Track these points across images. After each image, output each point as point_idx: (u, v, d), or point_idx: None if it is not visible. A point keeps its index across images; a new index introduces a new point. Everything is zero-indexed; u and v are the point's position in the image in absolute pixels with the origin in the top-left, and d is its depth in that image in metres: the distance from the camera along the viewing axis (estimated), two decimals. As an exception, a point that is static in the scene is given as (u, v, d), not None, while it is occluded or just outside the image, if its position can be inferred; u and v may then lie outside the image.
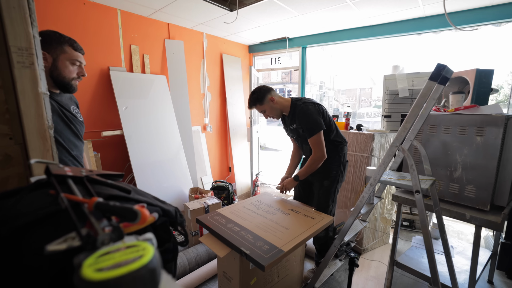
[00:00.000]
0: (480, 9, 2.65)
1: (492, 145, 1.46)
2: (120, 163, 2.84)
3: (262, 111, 1.90)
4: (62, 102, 1.27)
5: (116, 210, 0.34)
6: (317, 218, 1.54)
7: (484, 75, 2.21)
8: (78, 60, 1.26)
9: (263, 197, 1.92)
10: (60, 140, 1.21)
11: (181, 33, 3.40)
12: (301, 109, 1.80)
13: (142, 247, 0.26)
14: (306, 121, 1.76)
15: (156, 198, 0.56)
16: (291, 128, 1.94)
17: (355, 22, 3.23)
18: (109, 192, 0.44)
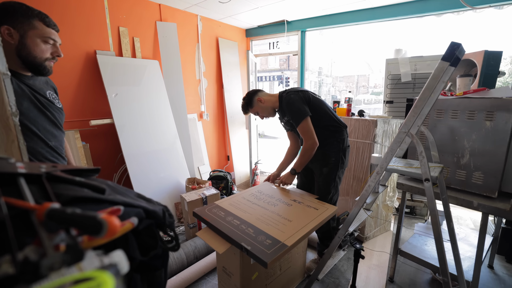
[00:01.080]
0: None
1: (502, 130, 1.39)
2: (112, 154, 2.73)
3: (256, 113, 1.94)
4: (35, 86, 1.13)
5: (75, 219, 0.26)
6: (320, 209, 1.48)
7: (492, 57, 2.12)
8: (51, 37, 1.10)
9: (264, 187, 1.85)
10: (34, 129, 1.08)
11: (173, 15, 3.22)
12: (285, 100, 1.81)
13: (97, 283, 0.18)
14: (290, 110, 1.76)
15: (141, 196, 0.48)
16: (285, 120, 1.94)
17: (356, 4, 3.08)
18: (74, 194, 0.35)
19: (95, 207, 0.36)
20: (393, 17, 3.10)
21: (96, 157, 2.57)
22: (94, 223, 0.26)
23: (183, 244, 2.14)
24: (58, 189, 0.36)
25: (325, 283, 1.91)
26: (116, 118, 2.50)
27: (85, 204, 0.36)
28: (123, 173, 2.78)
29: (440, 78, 1.21)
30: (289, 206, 1.53)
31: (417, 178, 1.68)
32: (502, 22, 4.17)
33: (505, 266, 2.07)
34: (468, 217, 2.86)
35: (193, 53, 3.53)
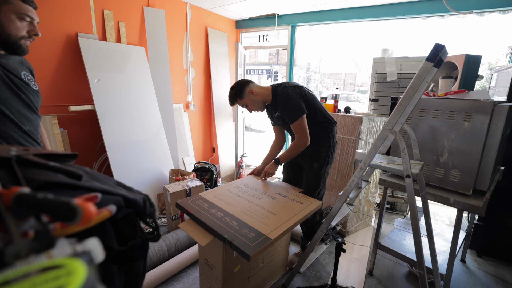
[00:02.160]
0: None
1: (478, 130, 1.45)
2: (92, 141, 2.62)
3: (244, 105, 1.84)
4: (8, 65, 1.06)
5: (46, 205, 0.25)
6: (305, 203, 1.49)
7: (472, 61, 2.21)
8: (27, 14, 1.02)
9: (249, 180, 1.84)
10: (6, 112, 1.02)
11: (162, 1, 3.11)
12: (281, 95, 1.74)
13: (67, 271, 0.17)
14: (287, 106, 1.71)
15: (121, 184, 0.45)
16: (275, 116, 1.87)
17: (346, 2, 3.11)
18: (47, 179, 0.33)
19: (70, 193, 0.34)
20: (381, 17, 3.18)
21: (75, 144, 2.47)
22: (68, 209, 0.25)
23: (164, 236, 2.11)
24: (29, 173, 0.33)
25: (306, 276, 1.95)
26: (97, 105, 2.40)
27: (59, 190, 0.34)
28: (103, 162, 2.69)
29: (424, 78, 1.24)
30: (273, 199, 1.53)
31: (398, 175, 1.73)
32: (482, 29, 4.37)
33: (476, 260, 2.19)
34: (444, 213, 3.00)
35: (181, 41, 3.44)
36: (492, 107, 1.41)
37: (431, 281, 1.56)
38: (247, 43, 4.53)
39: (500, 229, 2.13)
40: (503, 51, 2.83)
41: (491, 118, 1.42)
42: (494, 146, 1.44)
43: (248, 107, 1.84)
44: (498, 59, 2.86)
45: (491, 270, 2.07)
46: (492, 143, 1.45)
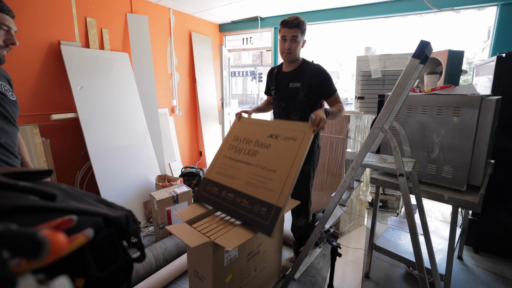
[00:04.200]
0: None
1: (468, 125, 1.44)
2: (75, 150, 2.54)
3: (294, 38, 1.61)
4: None
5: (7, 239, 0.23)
6: (298, 137, 1.38)
7: (455, 56, 2.25)
8: (4, 23, 1.01)
9: (238, 128, 1.68)
10: None
11: (145, 7, 3.06)
12: (316, 66, 1.67)
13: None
14: (326, 77, 1.66)
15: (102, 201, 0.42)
16: (290, 86, 1.69)
17: (327, 3, 3.14)
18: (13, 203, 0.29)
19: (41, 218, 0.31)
20: (362, 17, 3.24)
21: (57, 153, 2.39)
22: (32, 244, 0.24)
23: (152, 246, 2.01)
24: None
25: (301, 282, 1.89)
26: (80, 112, 2.34)
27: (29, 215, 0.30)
28: (87, 171, 2.61)
29: (411, 75, 1.22)
30: (268, 148, 1.44)
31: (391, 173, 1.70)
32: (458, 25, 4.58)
33: (473, 257, 2.16)
34: (437, 209, 3.01)
35: (165, 46, 3.37)
36: (480, 101, 1.40)
37: (431, 281, 1.54)
38: (231, 46, 4.48)
39: (494, 224, 2.11)
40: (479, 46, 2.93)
41: (480, 112, 1.41)
42: (485, 140, 1.43)
43: (294, 44, 1.62)
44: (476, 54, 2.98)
45: (489, 267, 2.05)
46: (483, 137, 1.44)
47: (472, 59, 4.96)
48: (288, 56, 1.66)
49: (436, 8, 2.66)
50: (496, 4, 2.62)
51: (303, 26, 1.62)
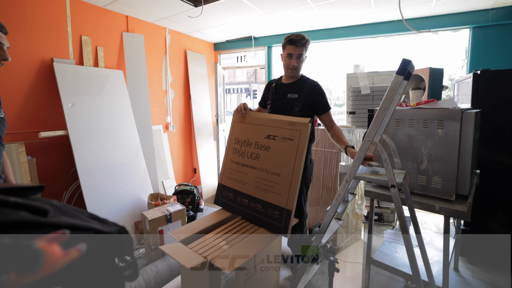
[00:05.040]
0: (423, 18, 3.06)
1: (452, 137, 1.52)
2: (63, 169, 2.49)
3: (300, 55, 1.73)
4: None
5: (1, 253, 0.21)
6: (295, 137, 1.40)
7: (436, 73, 2.40)
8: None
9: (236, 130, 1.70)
10: None
11: (141, 26, 3.15)
12: (314, 82, 1.76)
13: None
14: (323, 94, 1.76)
15: (94, 217, 0.41)
16: (288, 97, 1.77)
17: (318, 24, 3.32)
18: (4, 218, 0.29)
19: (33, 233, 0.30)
20: (350, 37, 3.47)
21: (43, 173, 2.33)
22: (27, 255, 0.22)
23: (143, 269, 1.92)
24: None
25: (300, 300, 1.87)
26: (71, 130, 2.30)
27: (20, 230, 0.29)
28: (75, 190, 2.54)
29: (396, 90, 1.30)
30: (268, 150, 1.48)
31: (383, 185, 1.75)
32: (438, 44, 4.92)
33: (469, 268, 2.17)
34: (431, 221, 3.05)
35: (160, 64, 3.44)
36: (460, 114, 1.49)
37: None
38: (226, 64, 4.61)
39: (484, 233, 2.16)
40: (459, 64, 3.18)
41: (461, 124, 1.50)
42: (468, 150, 1.51)
43: (299, 60, 1.74)
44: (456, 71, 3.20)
45: (485, 277, 2.06)
46: (466, 148, 1.51)
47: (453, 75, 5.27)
48: (293, 72, 1.77)
49: (416, 30, 2.87)
50: (468, 27, 2.89)
51: (308, 44, 1.75)
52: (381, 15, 3.01)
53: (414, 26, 3.00)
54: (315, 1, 2.59)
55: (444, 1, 2.62)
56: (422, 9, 2.83)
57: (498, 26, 2.76)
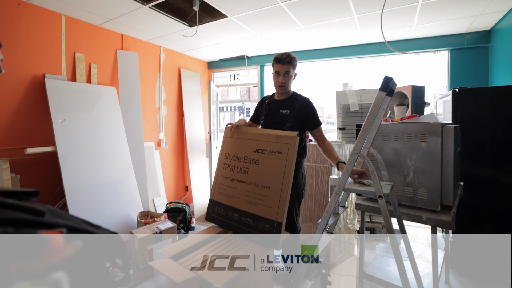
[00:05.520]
0: (405, 40, 3.30)
1: (434, 150, 1.60)
2: (49, 186, 2.41)
3: (287, 73, 1.78)
4: None
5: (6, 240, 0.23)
6: (284, 150, 1.42)
7: (418, 90, 2.55)
8: None
9: (226, 145, 1.74)
10: None
11: (136, 44, 3.24)
12: (304, 99, 1.82)
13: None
14: (313, 111, 1.81)
15: (87, 222, 0.43)
16: (280, 113, 1.82)
17: (308, 44, 3.49)
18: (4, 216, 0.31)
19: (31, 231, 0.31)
20: (338, 57, 3.67)
21: None
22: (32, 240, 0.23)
23: None
24: None
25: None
26: (59, 146, 2.27)
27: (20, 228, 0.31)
28: (61, 209, 2.44)
29: (380, 106, 1.37)
30: (257, 164, 1.49)
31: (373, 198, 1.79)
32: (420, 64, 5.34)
33: (460, 281, 2.18)
34: (422, 235, 3.08)
35: (154, 81, 3.51)
36: (441, 128, 1.58)
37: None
38: (219, 82, 4.72)
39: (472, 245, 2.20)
40: (443, 82, 3.41)
41: (442, 137, 1.58)
42: (450, 162, 1.58)
43: (287, 78, 1.80)
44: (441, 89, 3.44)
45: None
46: (448, 160, 1.59)
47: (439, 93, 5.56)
48: (282, 89, 1.84)
49: (398, 51, 3.06)
50: (446, 49, 3.15)
51: (295, 61, 1.81)
52: (367, 37, 3.20)
53: (398, 47, 3.21)
54: (304, 23, 2.74)
55: (424, 25, 2.83)
56: (404, 32, 3.04)
57: (472, 49, 3.02)
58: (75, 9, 2.42)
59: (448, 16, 2.59)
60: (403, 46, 3.24)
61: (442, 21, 2.72)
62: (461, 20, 2.69)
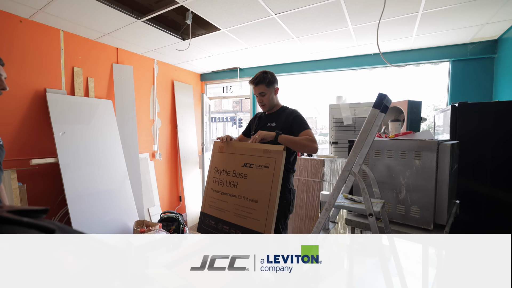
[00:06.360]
0: (403, 51, 3.17)
1: (428, 167, 1.57)
2: (52, 195, 2.50)
3: (261, 93, 1.78)
4: None
5: None
6: (271, 165, 1.43)
7: (414, 106, 2.50)
8: None
9: (216, 159, 1.76)
10: None
11: (130, 58, 3.25)
12: (292, 111, 1.80)
13: None
14: (299, 118, 1.74)
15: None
16: (267, 126, 1.82)
17: (301, 56, 3.48)
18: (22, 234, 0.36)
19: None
20: (333, 69, 3.59)
21: (33, 199, 2.36)
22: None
23: None
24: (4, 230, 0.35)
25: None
26: (61, 157, 2.37)
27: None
28: (63, 216, 2.54)
29: (373, 123, 1.36)
30: (245, 178, 1.52)
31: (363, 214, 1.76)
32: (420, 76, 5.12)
33: None
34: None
35: (148, 94, 3.51)
36: (436, 145, 1.55)
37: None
38: (212, 93, 4.72)
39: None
40: (444, 94, 3.31)
41: (438, 155, 1.56)
42: (445, 181, 1.55)
43: (264, 97, 1.79)
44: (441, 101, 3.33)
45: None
46: (443, 178, 1.56)
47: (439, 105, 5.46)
48: (264, 108, 1.85)
49: (395, 64, 3.04)
50: (448, 60, 3.02)
51: (266, 80, 1.77)
52: (363, 48, 3.14)
53: (395, 59, 3.15)
54: (298, 35, 2.74)
55: (424, 36, 2.73)
56: (402, 43, 2.96)
57: (476, 60, 2.88)
58: (73, 24, 2.46)
59: (451, 25, 2.46)
60: (401, 57, 3.17)
61: (444, 31, 2.61)
62: (465, 30, 2.56)
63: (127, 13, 2.23)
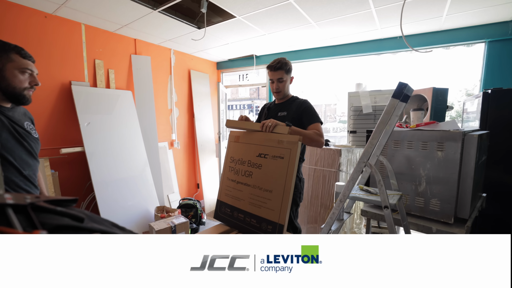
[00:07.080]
0: (432, 33, 2.89)
1: (452, 159, 1.50)
2: (80, 182, 2.67)
3: (279, 79, 1.78)
4: (14, 117, 1.22)
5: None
6: (286, 156, 1.43)
7: (440, 93, 2.35)
8: (28, 68, 1.18)
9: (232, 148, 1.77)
10: (10, 159, 1.14)
11: (148, 48, 3.30)
12: (302, 101, 1.79)
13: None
14: (310, 108, 1.74)
15: (115, 225, 0.51)
16: (278, 115, 1.83)
17: (319, 41, 3.34)
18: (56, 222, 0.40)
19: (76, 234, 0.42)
20: (353, 54, 3.39)
21: (64, 185, 2.54)
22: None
23: None
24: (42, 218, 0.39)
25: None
26: (87, 146, 2.50)
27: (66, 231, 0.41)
28: (91, 201, 2.71)
29: (392, 113, 1.31)
30: (260, 168, 1.53)
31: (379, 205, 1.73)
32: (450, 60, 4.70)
33: None
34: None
35: (166, 84, 3.57)
36: (462, 136, 1.47)
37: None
38: (228, 82, 4.71)
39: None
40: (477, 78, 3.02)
41: (463, 147, 1.47)
42: (470, 173, 1.47)
43: (280, 83, 1.80)
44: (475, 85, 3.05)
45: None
46: (468, 171, 1.48)
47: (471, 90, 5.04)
48: (278, 95, 1.83)
49: (422, 48, 2.82)
50: (484, 41, 2.71)
51: (286, 66, 1.77)
52: (386, 31, 2.91)
53: (422, 41, 2.91)
54: (316, 20, 2.62)
55: (456, 15, 2.46)
56: (431, 24, 2.71)
57: None
58: (93, 17, 2.52)
59: (489, 2, 2.18)
60: (430, 40, 2.90)
61: (480, 9, 2.32)
62: (505, 6, 2.26)
63: (143, 3, 2.24)
